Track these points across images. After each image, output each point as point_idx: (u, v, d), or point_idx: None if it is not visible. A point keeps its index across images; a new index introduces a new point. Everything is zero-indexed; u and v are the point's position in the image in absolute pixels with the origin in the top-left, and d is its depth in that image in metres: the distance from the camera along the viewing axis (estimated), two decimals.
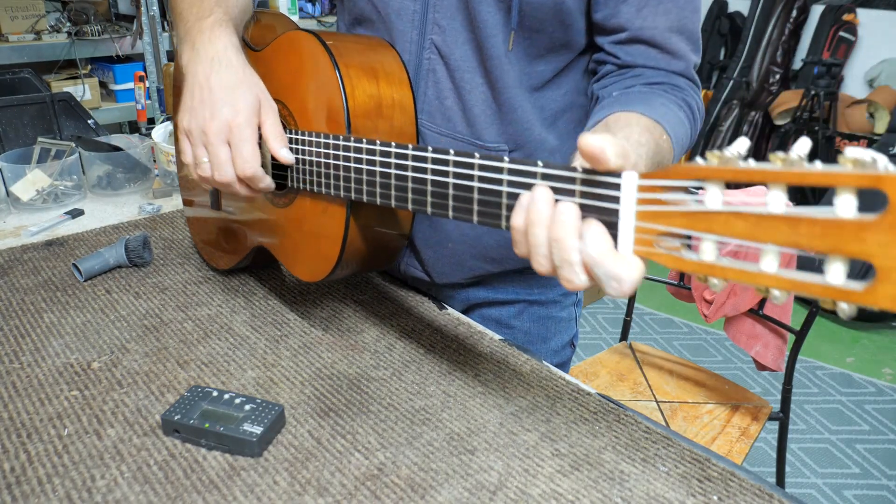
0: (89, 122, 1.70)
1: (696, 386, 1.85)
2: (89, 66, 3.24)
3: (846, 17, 4.03)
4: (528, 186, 0.62)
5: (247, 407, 0.79)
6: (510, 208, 0.64)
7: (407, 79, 0.91)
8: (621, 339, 2.07)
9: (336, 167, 0.84)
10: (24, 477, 0.72)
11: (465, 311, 1.13)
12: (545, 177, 0.61)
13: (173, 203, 1.44)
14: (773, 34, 4.23)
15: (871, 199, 0.45)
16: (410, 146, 0.74)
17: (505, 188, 0.64)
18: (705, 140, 4.34)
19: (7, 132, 1.60)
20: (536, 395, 0.87)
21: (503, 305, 1.10)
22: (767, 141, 4.34)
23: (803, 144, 0.47)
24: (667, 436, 0.80)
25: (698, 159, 0.51)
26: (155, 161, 1.52)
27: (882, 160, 0.43)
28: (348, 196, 0.84)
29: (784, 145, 4.15)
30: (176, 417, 0.77)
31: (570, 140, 0.98)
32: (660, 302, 3.33)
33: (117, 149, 1.48)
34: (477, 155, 0.67)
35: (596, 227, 0.55)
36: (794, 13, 4.18)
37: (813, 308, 1.64)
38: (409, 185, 0.75)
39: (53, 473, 0.72)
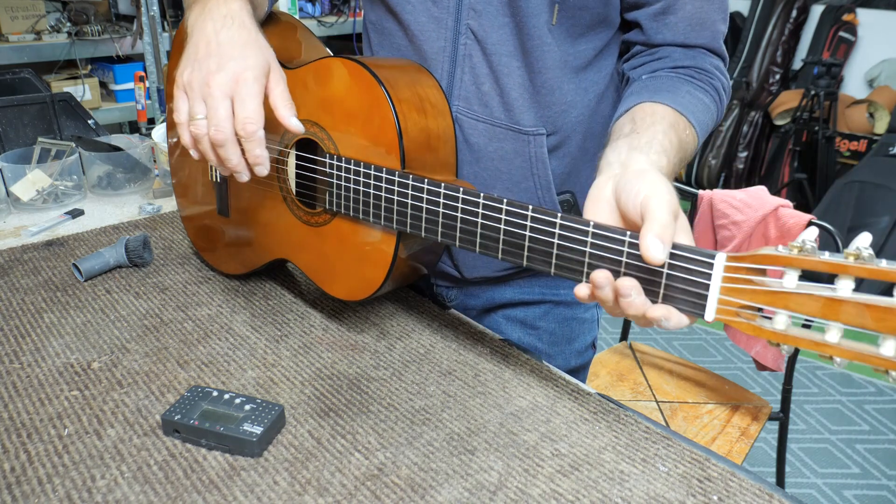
0: (89, 122, 1.70)
1: (696, 386, 1.85)
2: (89, 67, 3.24)
3: (846, 17, 4.03)
4: (615, 251, 0.68)
5: (247, 407, 0.79)
6: (591, 266, 0.70)
7: (448, 109, 0.92)
8: (621, 339, 2.07)
9: (390, 200, 0.84)
10: (25, 477, 0.72)
11: (489, 311, 1.12)
12: (633, 245, 0.66)
13: (173, 203, 1.44)
14: (773, 34, 4.23)
15: None
16: (482, 194, 0.77)
17: (588, 249, 0.69)
18: (705, 140, 4.34)
19: (7, 132, 1.60)
20: (536, 395, 0.87)
21: (528, 306, 1.10)
22: (767, 141, 4.35)
23: (865, 239, 0.56)
24: (667, 436, 0.80)
25: (780, 247, 0.59)
26: (155, 161, 1.52)
27: None
28: (402, 229, 0.85)
29: (784, 145, 4.15)
30: (176, 417, 0.77)
31: (609, 122, 0.99)
32: None
33: (117, 149, 1.48)
34: (559, 215, 0.71)
35: (665, 311, 0.65)
36: (794, 13, 4.18)
37: None
38: (479, 230, 0.78)
39: (53, 473, 0.73)
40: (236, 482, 0.72)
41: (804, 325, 0.62)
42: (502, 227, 0.75)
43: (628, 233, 0.67)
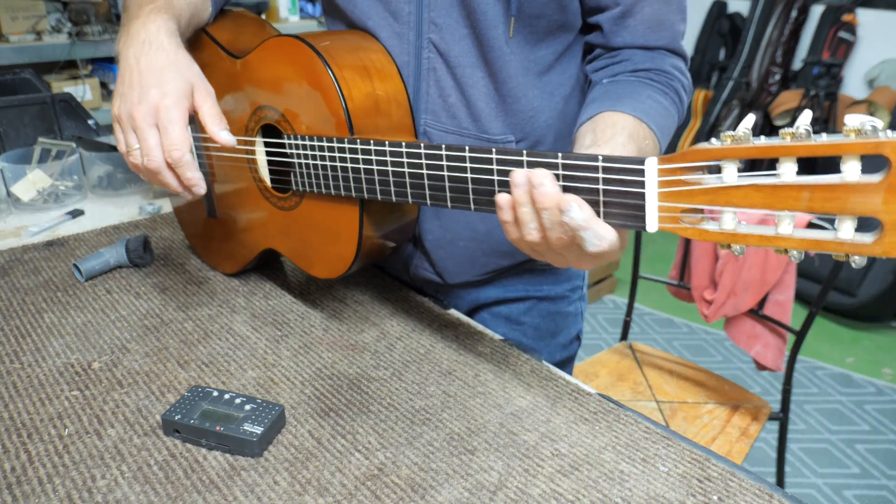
0: (90, 122, 1.70)
1: (696, 386, 1.85)
2: (90, 67, 3.23)
3: (846, 17, 4.03)
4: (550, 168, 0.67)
5: (247, 407, 0.79)
6: None
7: (397, 72, 0.92)
8: (621, 339, 2.07)
9: (345, 169, 0.85)
10: (25, 477, 0.72)
11: (474, 311, 1.12)
12: (566, 167, 0.66)
13: None
14: (773, 34, 4.23)
15: (874, 162, 0.50)
16: (423, 144, 0.77)
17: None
18: (706, 140, 4.34)
19: (8, 132, 1.60)
20: (536, 395, 0.87)
21: (512, 303, 1.11)
22: None
23: (806, 116, 0.52)
24: (667, 436, 0.80)
25: (713, 140, 0.55)
26: None
27: (880, 125, 0.48)
28: (360, 196, 0.85)
29: None
30: (176, 417, 0.77)
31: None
32: (660, 302, 3.33)
33: (117, 149, 1.48)
34: (494, 150, 0.71)
35: (577, 199, 0.64)
36: (794, 13, 4.18)
37: (813, 308, 1.64)
38: (426, 181, 0.78)
39: (54, 473, 0.73)
40: (236, 482, 0.72)
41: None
42: (445, 174, 0.76)
43: (560, 154, 0.66)
